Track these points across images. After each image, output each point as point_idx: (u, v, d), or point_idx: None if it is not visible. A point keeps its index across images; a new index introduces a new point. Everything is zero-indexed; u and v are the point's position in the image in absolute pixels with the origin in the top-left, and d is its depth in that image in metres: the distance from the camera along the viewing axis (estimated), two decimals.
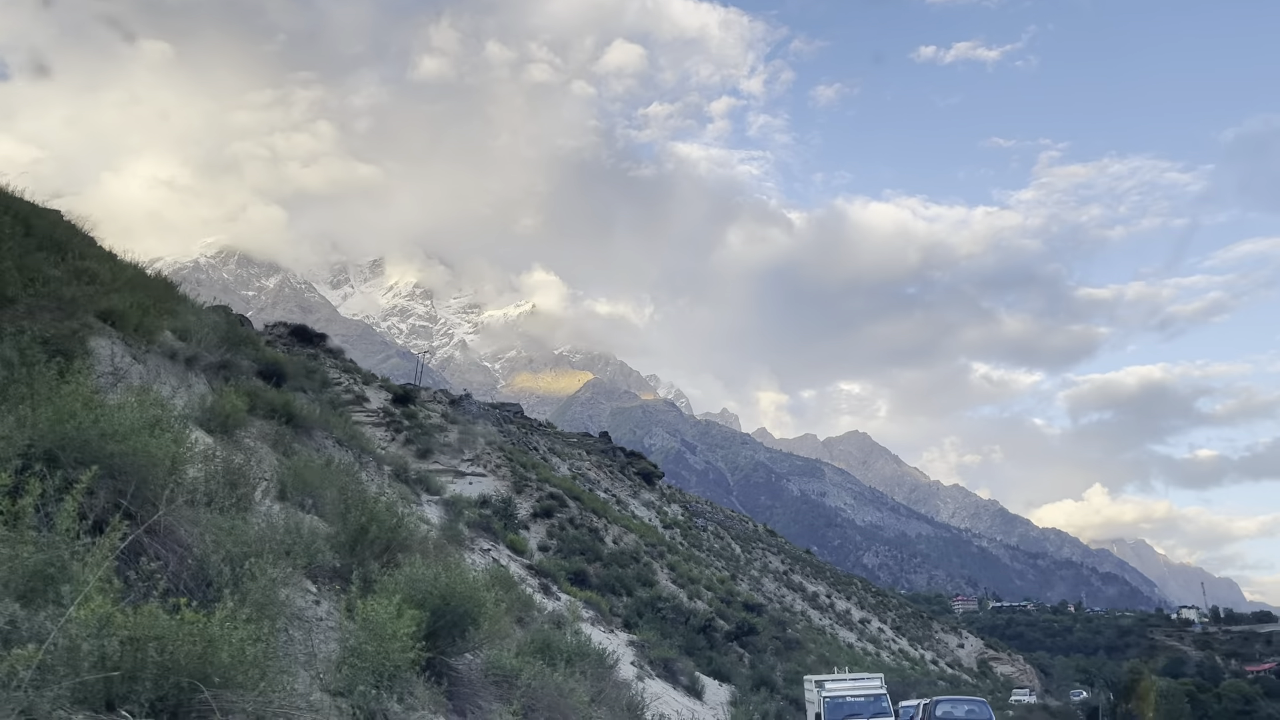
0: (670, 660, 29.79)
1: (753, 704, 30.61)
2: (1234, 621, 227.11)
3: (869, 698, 25.77)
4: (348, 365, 56.00)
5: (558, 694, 8.53)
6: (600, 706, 13.17)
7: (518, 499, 44.75)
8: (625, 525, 48.47)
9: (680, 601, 39.04)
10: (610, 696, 15.22)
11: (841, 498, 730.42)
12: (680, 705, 25.86)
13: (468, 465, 47.17)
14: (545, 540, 41.32)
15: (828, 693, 25.64)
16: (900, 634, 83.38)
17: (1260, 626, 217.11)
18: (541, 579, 30.55)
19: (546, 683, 8.44)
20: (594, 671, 16.82)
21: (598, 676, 16.42)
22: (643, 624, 32.31)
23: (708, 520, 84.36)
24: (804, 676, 32.09)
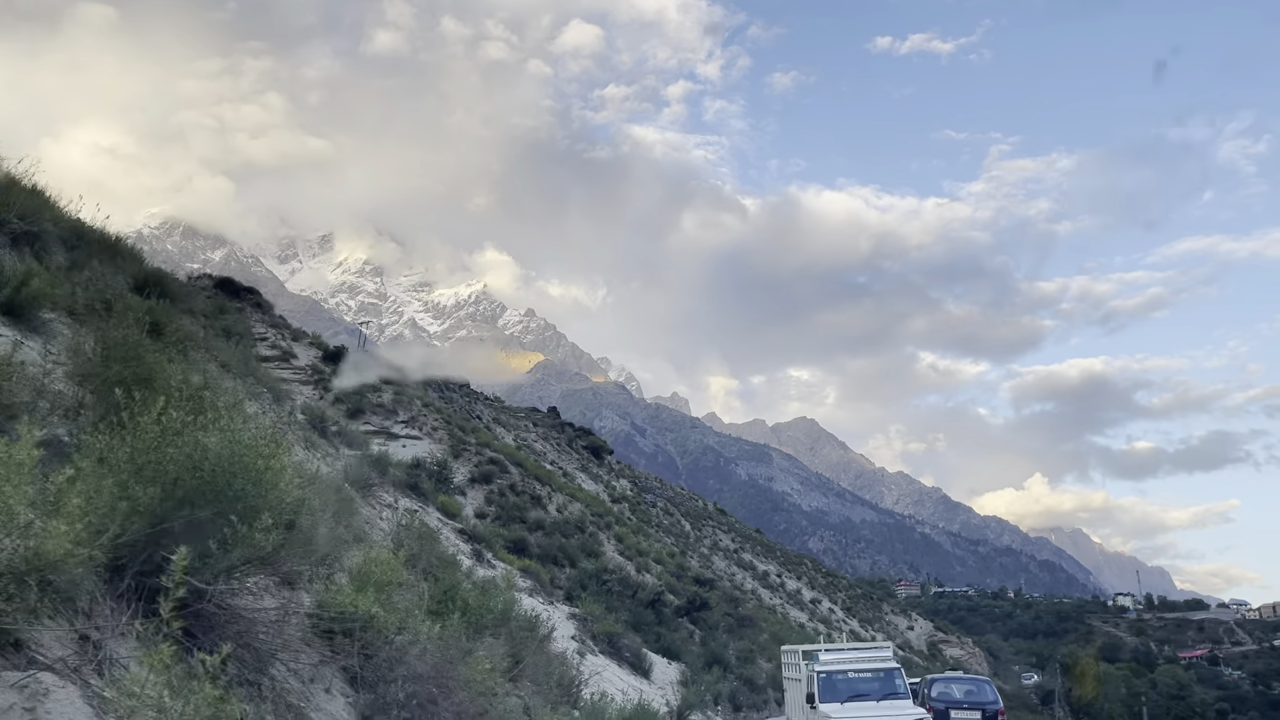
0: (615, 635, 26.99)
1: (704, 684, 27.93)
2: (1167, 609, 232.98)
3: (878, 673, 19.50)
4: (276, 321, 52.10)
5: (443, 658, 5.60)
6: (522, 680, 10.28)
7: (455, 463, 41.52)
8: (571, 494, 45.55)
9: (628, 574, 36.25)
10: (537, 669, 12.26)
11: (788, 483, 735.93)
12: (625, 683, 23.04)
13: (402, 427, 43.79)
14: (483, 507, 38.22)
15: (822, 667, 19.57)
16: (851, 615, 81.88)
17: (1192, 614, 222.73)
18: (475, 544, 27.50)
19: (423, 640, 5.49)
20: (521, 639, 13.88)
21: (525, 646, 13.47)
22: (586, 596, 29.42)
23: (657, 496, 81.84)
24: (783, 649, 26.40)
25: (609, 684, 20.85)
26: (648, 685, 26.70)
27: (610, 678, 23.09)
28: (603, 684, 20.50)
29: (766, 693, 34.77)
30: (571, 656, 22.87)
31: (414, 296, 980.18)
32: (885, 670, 19.62)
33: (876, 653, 21.37)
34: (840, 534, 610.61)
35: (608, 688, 19.63)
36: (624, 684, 22.95)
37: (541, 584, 28.80)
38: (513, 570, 27.37)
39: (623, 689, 20.76)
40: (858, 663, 19.95)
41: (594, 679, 21.09)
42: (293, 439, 15.46)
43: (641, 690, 24.16)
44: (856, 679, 19.25)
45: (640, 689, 24.20)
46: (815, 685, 19.23)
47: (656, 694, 25.78)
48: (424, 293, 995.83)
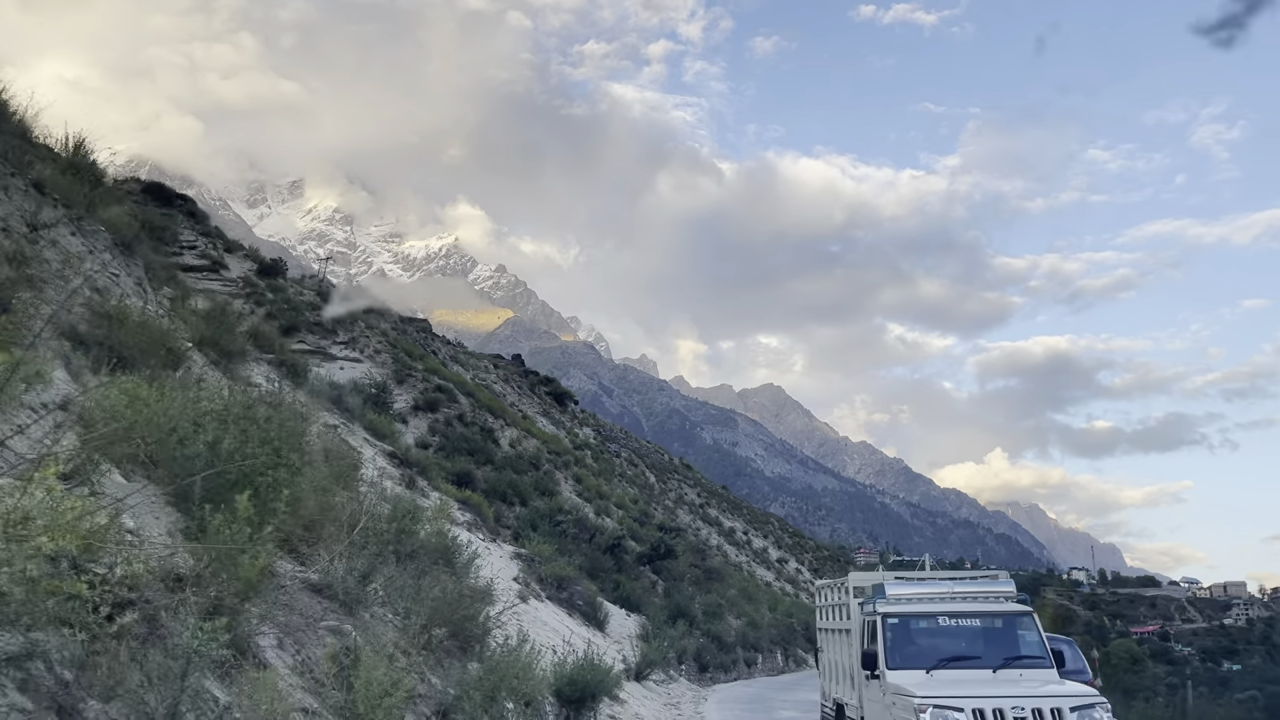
0: (567, 580, 23.14)
1: (667, 639, 24.21)
2: (1120, 584, 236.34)
3: (992, 621, 11.87)
4: (209, 230, 47.16)
5: None
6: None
7: (397, 389, 37.26)
8: (527, 430, 41.59)
9: (585, 516, 32.39)
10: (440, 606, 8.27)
11: (753, 448, 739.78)
12: (574, 634, 19.17)
13: (341, 348, 39.39)
14: (426, 436, 34.09)
15: (891, 606, 12.01)
16: (818, 576, 79.24)
17: (1144, 590, 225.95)
18: (406, 469, 23.44)
19: None
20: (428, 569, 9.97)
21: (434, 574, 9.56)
22: (536, 537, 25.48)
23: (621, 446, 78.17)
24: (819, 583, 17.89)
25: (551, 631, 17.00)
26: (601, 638, 22.93)
27: (556, 625, 19.23)
28: (543, 633, 16.65)
29: (735, 652, 31.31)
30: (511, 600, 18.97)
31: (384, 247, 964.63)
32: (1005, 617, 11.84)
33: (987, 585, 12.70)
34: (802, 501, 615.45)
35: (548, 637, 15.75)
36: (573, 634, 19.12)
37: (484, 519, 24.84)
38: (449, 500, 23.38)
39: (567, 637, 16.87)
40: (954, 601, 12.14)
41: (533, 627, 17.16)
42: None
43: (592, 642, 20.39)
44: (955, 629, 11.67)
45: (591, 640, 20.43)
46: (880, 638, 11.59)
47: (611, 648, 22.02)
48: (394, 244, 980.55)
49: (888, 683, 11.03)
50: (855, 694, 12.96)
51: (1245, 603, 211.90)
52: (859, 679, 12.46)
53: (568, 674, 11.31)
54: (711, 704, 20.96)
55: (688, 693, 23.64)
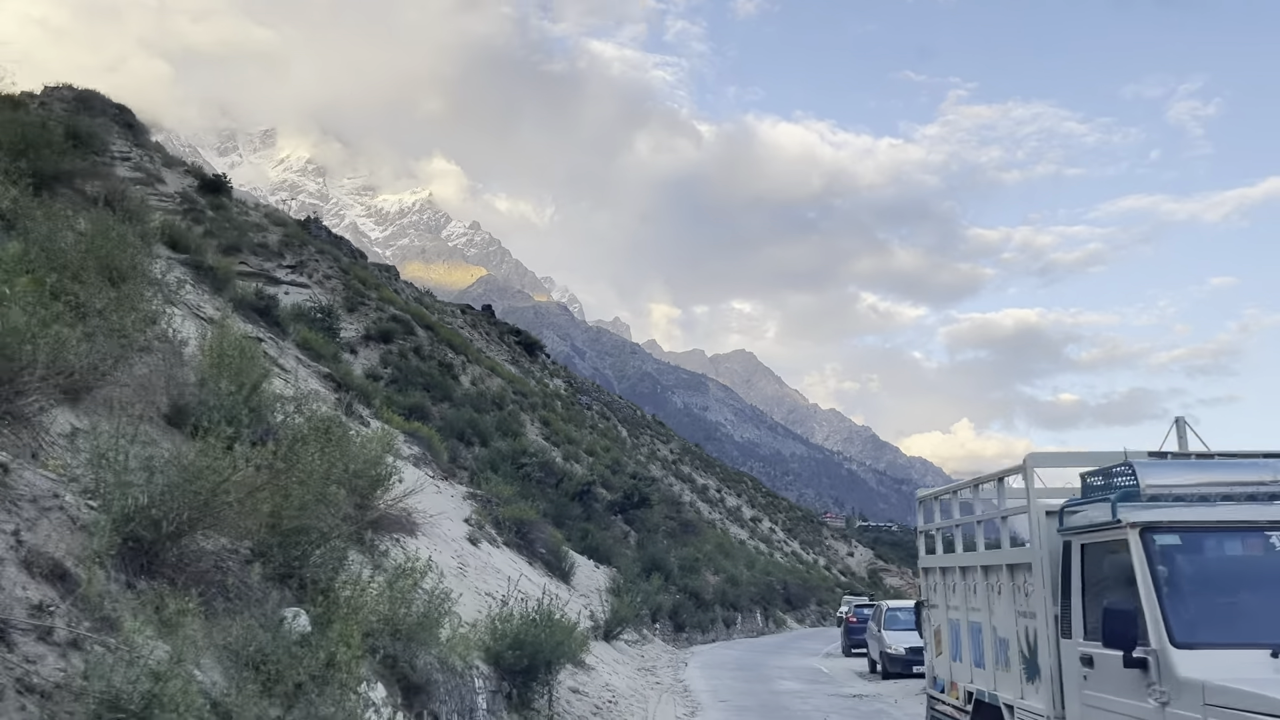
0: (528, 524, 20.05)
1: (641, 594, 21.23)
2: None
3: None
4: (145, 143, 43.02)
5: None
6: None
7: (347, 318, 33.75)
8: (491, 368, 38.32)
9: (551, 459, 29.25)
10: None
11: (723, 413, 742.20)
12: (531, 583, 16.11)
13: (286, 272, 35.75)
14: (377, 368, 30.68)
15: (1165, 511, 6.04)
16: (792, 536, 77.01)
17: None
18: (345, 393, 20.14)
19: None
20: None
21: None
22: (496, 478, 22.28)
23: (593, 399, 75.08)
24: (920, 494, 11.17)
25: (500, 580, 13.97)
26: (566, 590, 19.90)
27: (512, 575, 16.14)
28: (489, 580, 13.60)
29: (714, 611, 28.53)
30: (459, 543, 15.83)
31: (357, 200, 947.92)
32: None
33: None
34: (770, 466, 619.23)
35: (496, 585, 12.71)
36: (530, 583, 16.06)
37: (435, 454, 21.60)
38: (393, 430, 20.12)
39: (521, 585, 13.81)
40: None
41: (478, 574, 14.06)
42: None
43: (557, 595, 17.38)
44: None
45: (555, 592, 17.42)
46: (1144, 577, 5.67)
47: (577, 602, 19.02)
48: (367, 197, 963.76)
49: (1175, 675, 5.26)
50: (1035, 688, 7.12)
51: None
52: (1049, 660, 6.79)
53: (512, 632, 8.15)
54: (694, 670, 18.06)
55: (664, 655, 20.76)
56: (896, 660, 17.92)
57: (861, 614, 25.36)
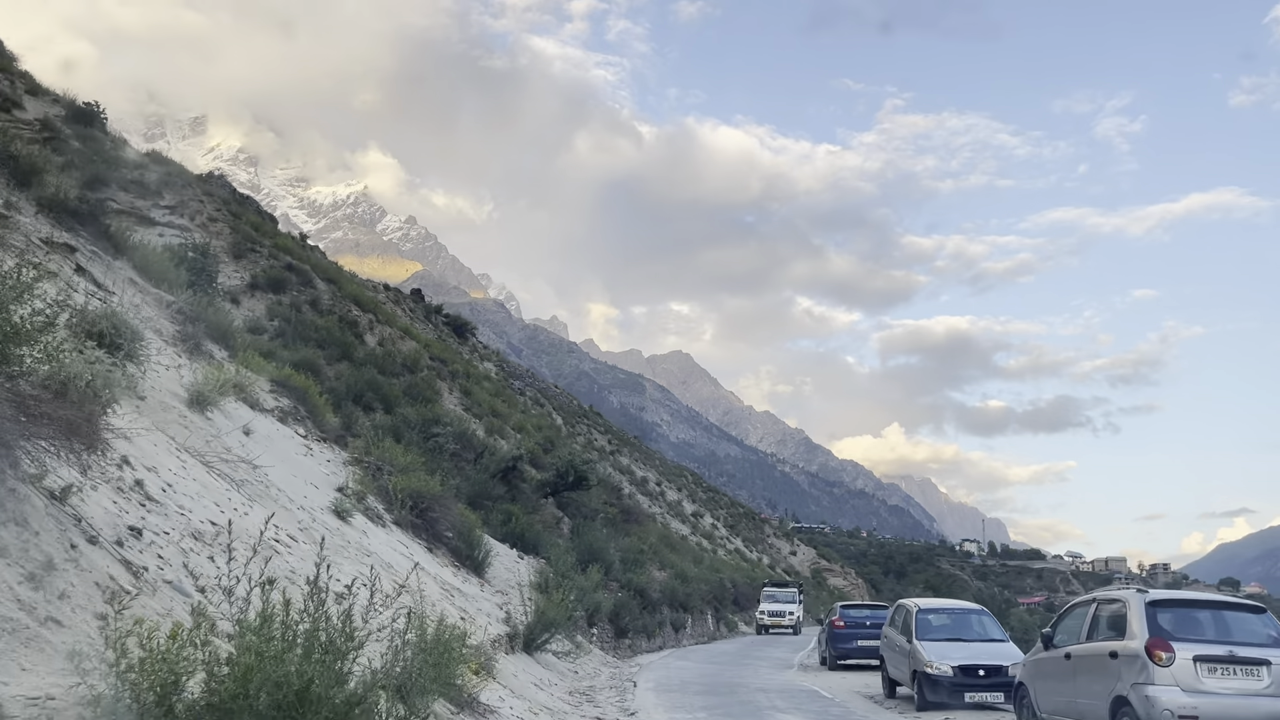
0: (430, 500, 15.31)
1: (576, 590, 16.64)
2: (1009, 557, 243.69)
3: None
4: (8, 66, 36.85)
5: None
6: None
7: (232, 265, 28.47)
8: (404, 330, 33.34)
9: (470, 430, 24.45)
10: None
11: (659, 414, 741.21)
12: (425, 573, 11.37)
13: (164, 212, 30.25)
14: (262, 320, 25.50)
15: None
16: (734, 533, 73.15)
17: (1032, 563, 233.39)
18: (190, 325, 15.27)
19: None
20: None
21: None
22: (398, 447, 17.39)
23: (526, 385, 70.18)
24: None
25: (357, 561, 9.23)
26: (477, 585, 15.21)
27: (397, 563, 11.40)
28: (356, 566, 8.73)
29: (661, 612, 24.09)
30: (323, 519, 11.05)
31: (289, 191, 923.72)
32: None
33: None
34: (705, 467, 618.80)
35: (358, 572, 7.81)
36: (423, 573, 11.38)
37: (313, 411, 16.73)
38: (248, 372, 15.18)
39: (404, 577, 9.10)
40: None
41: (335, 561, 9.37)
42: None
43: (459, 590, 12.71)
44: None
45: (458, 587, 12.75)
46: None
47: (490, 600, 14.36)
48: (300, 188, 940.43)
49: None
50: None
51: (1125, 577, 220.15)
52: None
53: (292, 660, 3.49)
54: (647, 695, 13.39)
55: (604, 671, 16.19)
56: (940, 685, 12.76)
57: (850, 617, 21.24)
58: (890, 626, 15.00)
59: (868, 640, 19.60)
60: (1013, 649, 13.44)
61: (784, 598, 36.77)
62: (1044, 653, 10.48)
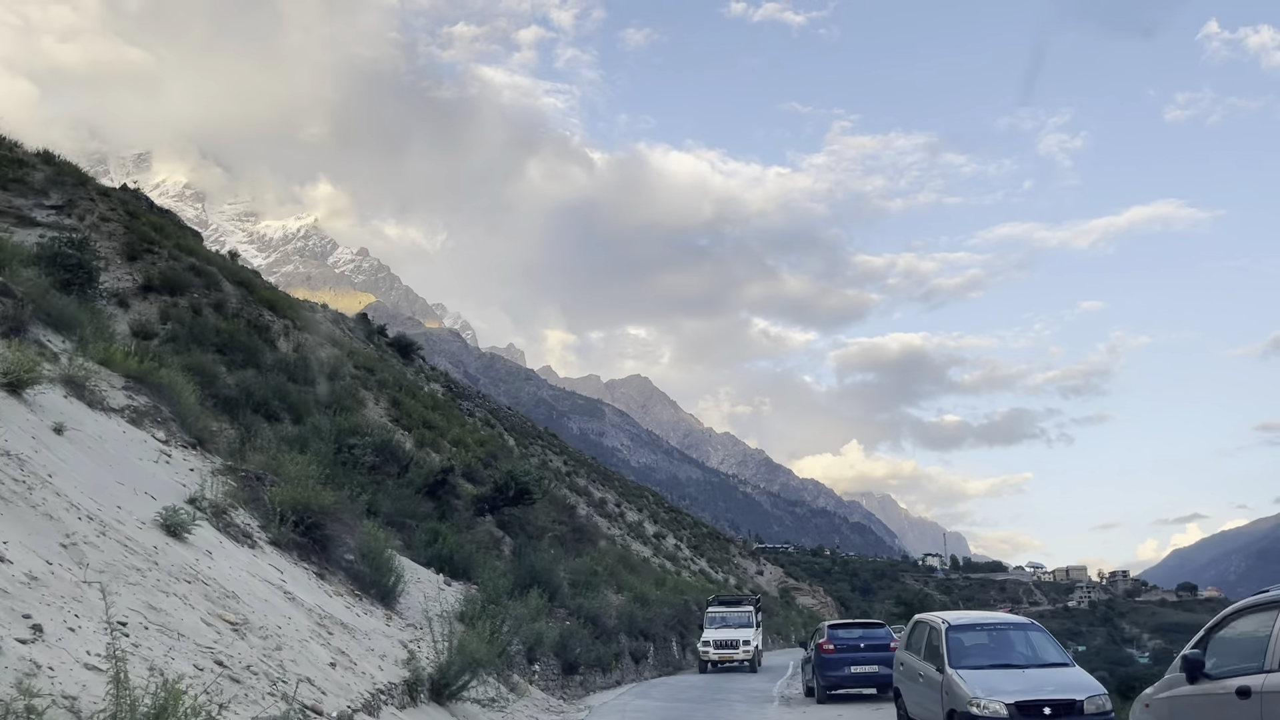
0: (321, 515, 12.28)
1: (511, 620, 13.67)
2: (971, 569, 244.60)
3: None
4: None
5: None
6: None
7: (124, 265, 25.14)
8: (329, 339, 30.14)
9: (395, 442, 21.36)
10: None
11: (619, 438, 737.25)
12: (296, 605, 8.34)
13: (48, 213, 26.83)
14: (153, 324, 22.21)
15: None
16: (699, 554, 70.19)
17: (994, 575, 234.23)
18: (8, 301, 12.25)
19: None
20: None
21: None
22: (300, 459, 14.30)
23: (475, 405, 66.82)
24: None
25: (240, 605, 6.07)
26: (382, 618, 12.18)
27: (263, 592, 8.38)
28: (179, 615, 5.70)
29: (618, 641, 21.11)
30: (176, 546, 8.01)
31: (238, 226, 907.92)
32: None
33: None
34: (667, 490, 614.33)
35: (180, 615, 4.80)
36: (292, 606, 8.36)
37: (181, 414, 13.63)
38: (90, 365, 12.07)
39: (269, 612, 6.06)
40: None
41: None
42: None
43: (349, 626, 9.68)
44: None
45: (348, 624, 9.73)
46: None
47: (396, 637, 11.32)
48: (249, 223, 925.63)
49: None
50: None
51: (1086, 586, 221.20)
52: None
53: None
54: None
55: (542, 719, 13.16)
56: None
57: (841, 639, 17.93)
58: (908, 651, 11.88)
59: (863, 666, 16.88)
60: (1084, 676, 10.30)
61: (736, 619, 27.49)
62: (1190, 687, 6.62)
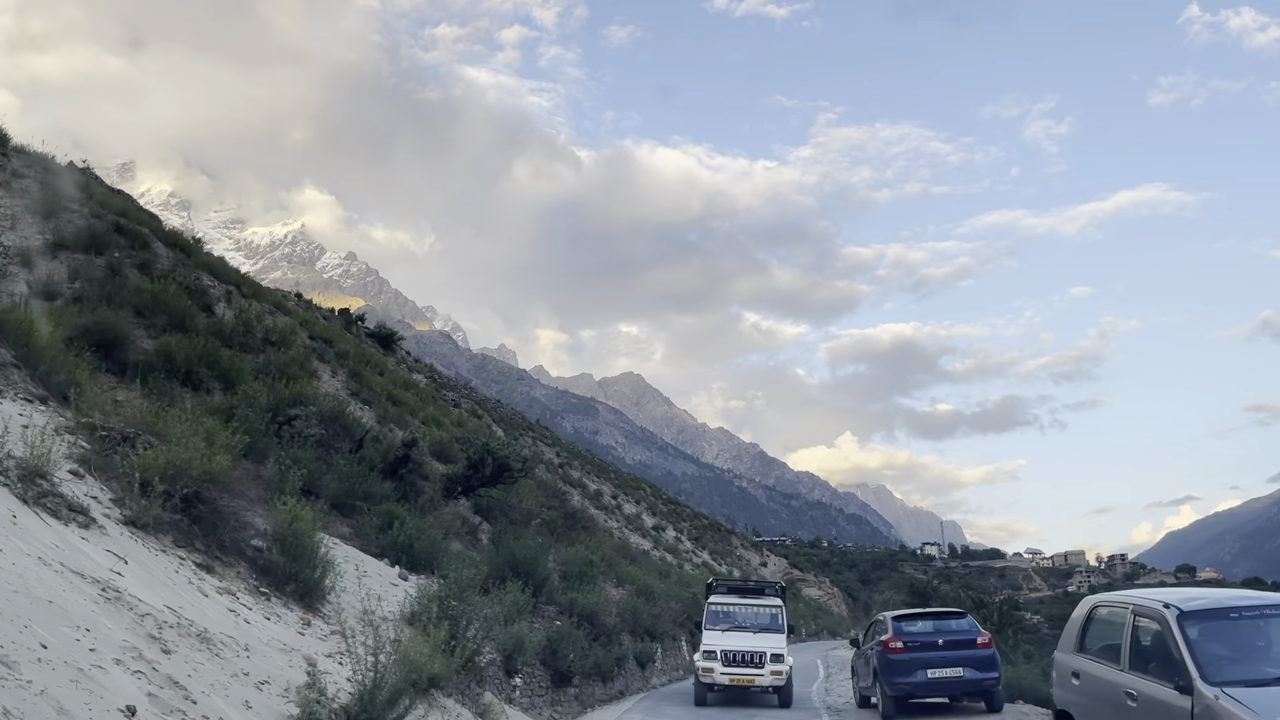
0: (211, 488, 8.76)
1: (480, 621, 10.27)
2: (970, 557, 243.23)
3: None
4: None
5: None
6: None
7: (39, 224, 21.63)
8: (278, 305, 26.68)
9: (345, 412, 17.94)
10: None
11: (614, 436, 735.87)
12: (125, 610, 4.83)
13: None
14: (61, 284, 18.74)
15: None
16: (700, 546, 66.91)
17: (993, 562, 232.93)
18: None
19: None
20: None
21: None
22: (222, 426, 10.90)
23: (461, 395, 63.39)
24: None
25: None
26: (295, 623, 8.83)
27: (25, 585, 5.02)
28: None
29: (620, 643, 17.77)
30: None
31: (225, 234, 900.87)
32: None
33: None
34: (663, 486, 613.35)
35: None
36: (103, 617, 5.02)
37: (30, 362, 10.24)
38: None
39: None
40: None
41: None
42: None
43: (221, 640, 6.38)
44: None
45: (220, 636, 6.43)
46: None
47: (292, 656, 7.93)
48: (236, 230, 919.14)
49: None
50: None
51: (1085, 570, 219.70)
52: None
53: None
54: None
55: None
56: None
57: (911, 634, 14.20)
58: (1084, 655, 7.88)
59: (943, 670, 13.33)
60: None
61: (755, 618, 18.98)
62: None
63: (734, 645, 17.79)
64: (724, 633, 18.28)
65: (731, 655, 17.59)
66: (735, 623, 18.71)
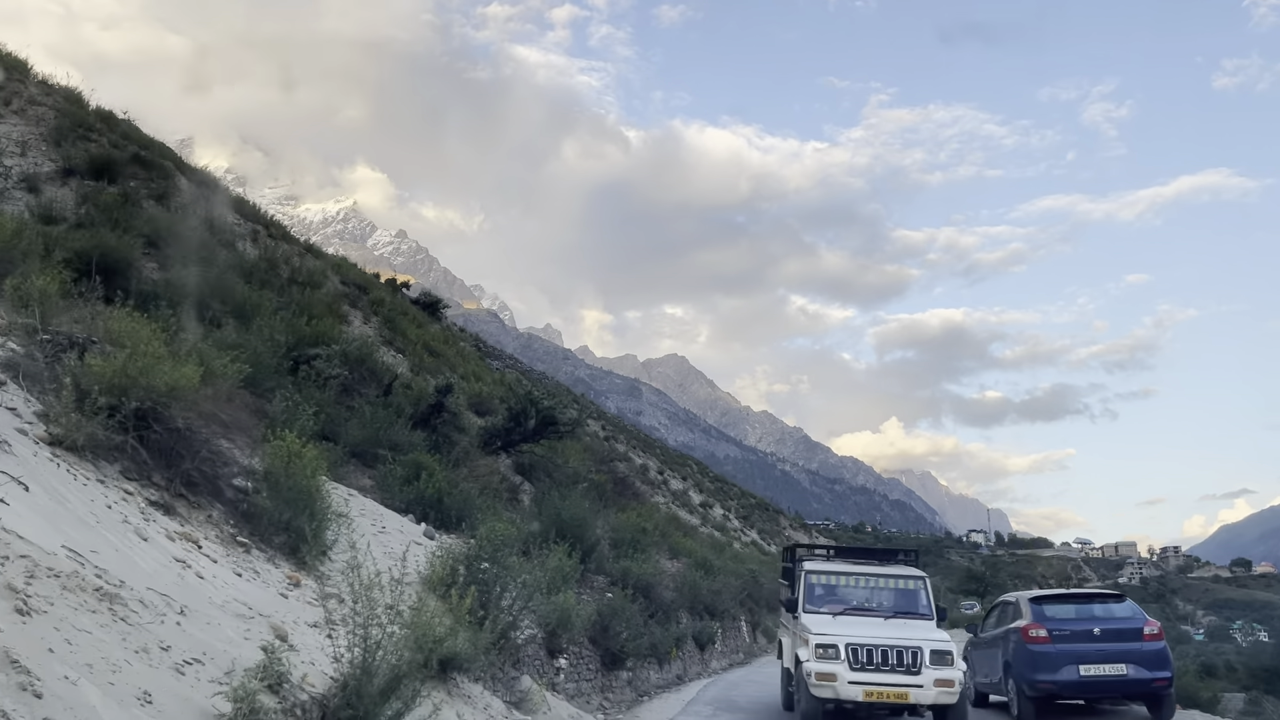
0: (171, 407, 6.62)
1: (517, 586, 8.06)
2: (1017, 546, 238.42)
3: None
4: None
5: None
6: None
7: (50, 150, 19.94)
8: (308, 249, 24.94)
9: (373, 354, 16.01)
10: None
11: (656, 417, 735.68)
12: None
13: None
14: (66, 208, 17.01)
15: None
16: (749, 525, 64.66)
17: (1041, 551, 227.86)
18: None
19: None
20: None
21: None
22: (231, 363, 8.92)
23: (505, 364, 61.70)
24: None
25: None
26: (278, 583, 6.82)
27: None
28: None
29: (679, 620, 15.65)
30: None
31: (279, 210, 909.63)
32: None
33: None
34: None
35: None
36: None
37: None
38: None
39: None
40: None
41: None
42: None
43: (182, 603, 4.40)
44: None
45: (202, 597, 4.44)
46: None
47: (258, 624, 5.89)
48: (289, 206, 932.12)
49: None
50: None
51: (1136, 562, 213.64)
52: None
53: None
54: None
55: None
56: None
57: (1058, 621, 11.67)
58: None
59: (1101, 666, 10.84)
60: None
61: (883, 597, 12.22)
62: None
63: (869, 638, 11.00)
64: (837, 618, 11.58)
65: (867, 653, 10.82)
66: (853, 603, 12.07)
